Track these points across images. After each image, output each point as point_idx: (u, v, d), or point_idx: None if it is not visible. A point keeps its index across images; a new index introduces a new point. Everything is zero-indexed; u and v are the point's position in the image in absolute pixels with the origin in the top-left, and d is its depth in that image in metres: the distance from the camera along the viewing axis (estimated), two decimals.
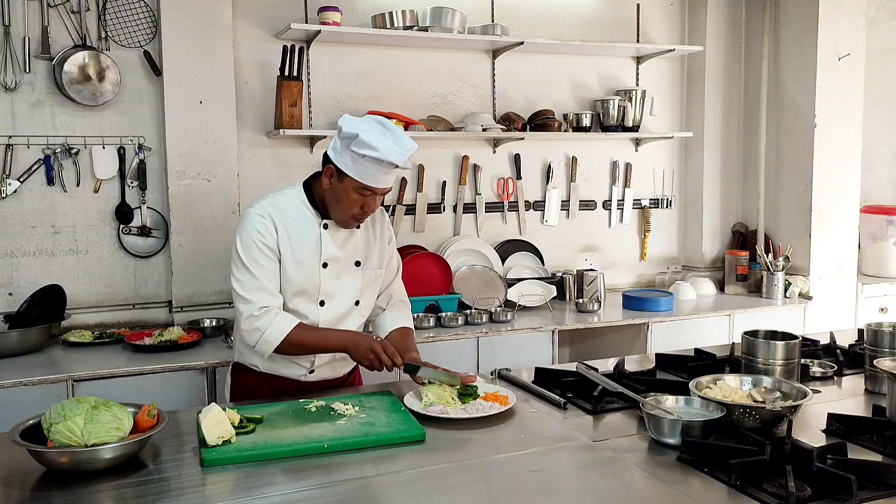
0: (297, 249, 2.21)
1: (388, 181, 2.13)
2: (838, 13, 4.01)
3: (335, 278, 2.26)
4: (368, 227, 2.34)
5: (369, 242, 2.33)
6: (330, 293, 2.27)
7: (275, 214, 2.20)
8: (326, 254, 2.23)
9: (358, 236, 2.29)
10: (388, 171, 2.10)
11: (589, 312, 3.76)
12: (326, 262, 2.23)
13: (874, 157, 4.66)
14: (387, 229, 2.40)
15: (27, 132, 3.21)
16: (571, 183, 4.25)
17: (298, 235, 2.21)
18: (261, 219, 2.18)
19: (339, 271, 2.26)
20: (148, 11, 3.32)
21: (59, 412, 1.67)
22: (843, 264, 4.20)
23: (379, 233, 2.36)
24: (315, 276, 2.23)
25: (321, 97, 3.68)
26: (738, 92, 4.43)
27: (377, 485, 1.62)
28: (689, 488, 1.56)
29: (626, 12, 4.29)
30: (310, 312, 2.25)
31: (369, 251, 2.33)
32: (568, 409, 2.08)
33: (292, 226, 2.21)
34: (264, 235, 2.16)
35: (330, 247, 2.23)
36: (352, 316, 2.33)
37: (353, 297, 2.31)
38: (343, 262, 2.26)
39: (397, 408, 2.03)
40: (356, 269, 2.29)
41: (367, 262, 2.32)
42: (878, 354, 2.19)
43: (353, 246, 2.28)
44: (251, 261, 2.16)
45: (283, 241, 2.19)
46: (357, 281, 2.31)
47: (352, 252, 2.28)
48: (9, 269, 3.25)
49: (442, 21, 3.65)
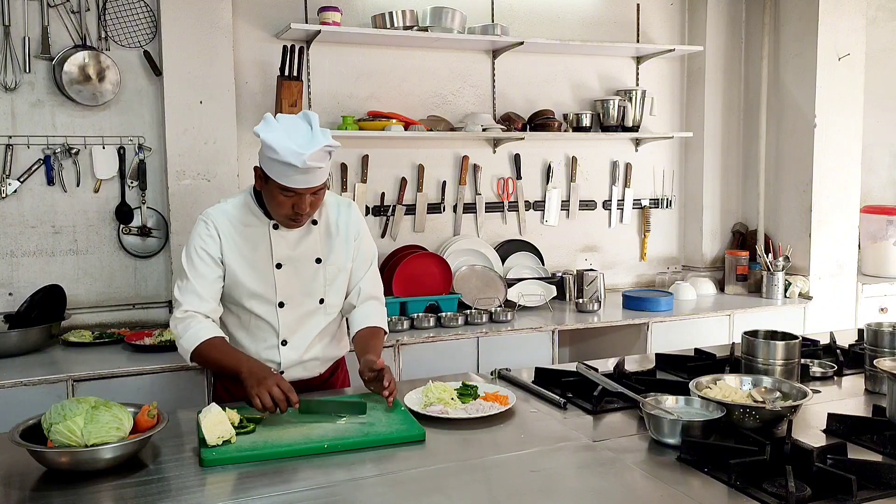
0: (247, 253, 2.18)
1: (306, 181, 2.04)
2: (838, 13, 4.01)
3: (293, 278, 2.22)
4: (329, 222, 2.28)
5: (330, 237, 2.27)
6: (288, 294, 2.22)
7: (220, 220, 2.19)
8: (278, 254, 2.20)
9: (316, 233, 2.25)
10: (303, 172, 2.01)
11: (589, 312, 3.76)
12: (280, 263, 2.20)
13: (874, 157, 4.66)
14: (353, 222, 2.31)
15: (27, 132, 3.21)
16: (571, 183, 4.25)
17: (248, 239, 2.19)
18: (204, 225, 2.19)
19: (297, 271, 2.22)
20: (148, 11, 3.32)
21: (59, 412, 1.67)
22: (843, 264, 4.20)
23: (343, 227, 2.29)
24: (269, 277, 2.19)
25: (321, 97, 3.68)
26: (738, 92, 4.43)
27: (377, 485, 1.62)
28: (689, 488, 1.56)
29: (626, 12, 4.29)
30: (268, 315, 2.22)
31: (330, 247, 2.27)
32: (568, 409, 2.08)
33: (241, 230, 2.19)
34: (206, 241, 2.17)
35: (281, 247, 2.20)
36: (316, 315, 2.27)
37: (316, 296, 2.26)
38: (300, 260, 2.22)
39: (397, 408, 2.03)
40: (317, 266, 2.24)
41: (328, 258, 2.26)
42: (878, 354, 2.19)
43: (311, 243, 2.24)
44: (189, 266, 2.17)
45: (227, 246, 2.17)
46: (318, 279, 2.25)
47: (310, 250, 2.24)
48: (9, 269, 3.25)
49: (442, 21, 3.65)
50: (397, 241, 3.87)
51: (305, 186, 2.05)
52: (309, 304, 2.26)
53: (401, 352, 3.24)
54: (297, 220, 2.14)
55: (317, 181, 2.07)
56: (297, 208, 2.09)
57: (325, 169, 2.08)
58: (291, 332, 2.25)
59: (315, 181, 2.06)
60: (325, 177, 2.09)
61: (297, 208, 2.09)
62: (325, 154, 2.04)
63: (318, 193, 2.12)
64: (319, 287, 2.26)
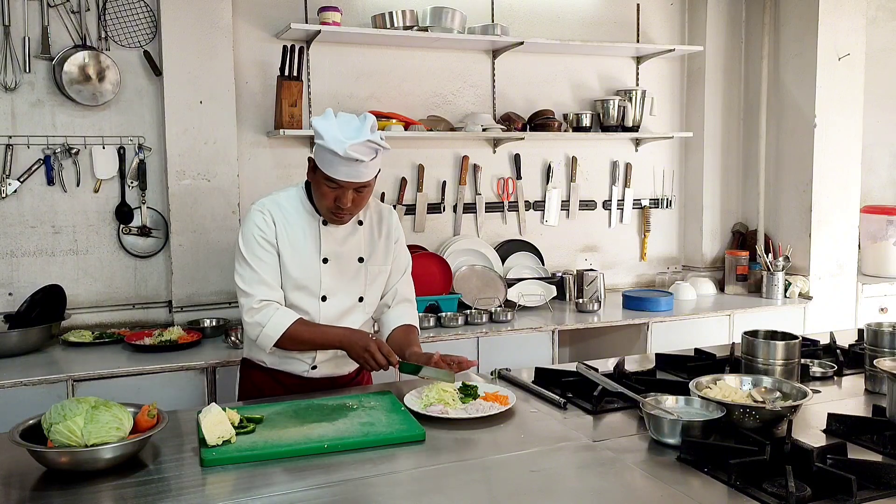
0: (297, 245, 2.24)
1: (349, 174, 2.09)
2: (838, 13, 4.01)
3: (337, 274, 2.28)
4: (374, 224, 2.36)
5: (373, 239, 2.35)
6: (331, 289, 2.28)
7: (274, 210, 2.24)
8: (326, 249, 2.25)
9: (361, 233, 2.32)
10: (347, 164, 2.07)
11: (589, 312, 3.76)
12: (327, 258, 2.25)
13: (874, 157, 4.66)
14: (394, 228, 2.41)
15: (27, 132, 3.21)
16: (571, 183, 4.25)
17: (298, 231, 2.24)
18: (260, 214, 2.23)
19: (341, 267, 2.28)
20: (148, 11, 3.32)
21: (59, 412, 1.67)
22: (843, 264, 4.20)
23: (385, 231, 2.38)
24: (316, 271, 2.25)
25: (321, 97, 3.68)
26: (738, 92, 4.43)
27: (377, 485, 1.62)
28: (689, 488, 1.56)
29: (626, 12, 4.29)
30: (311, 307, 2.27)
31: (373, 248, 2.34)
32: (568, 409, 2.08)
33: (292, 222, 2.24)
34: (263, 230, 2.21)
35: (329, 242, 2.26)
36: (355, 312, 2.33)
37: (356, 293, 2.32)
38: (345, 258, 2.28)
39: (397, 408, 2.02)
40: (359, 265, 2.31)
41: (370, 258, 2.33)
42: (878, 354, 2.19)
43: (356, 242, 2.31)
44: (251, 255, 2.21)
45: (281, 236, 2.23)
46: (360, 277, 2.32)
47: (354, 248, 2.30)
48: (9, 269, 3.25)
49: (442, 21, 3.65)
50: None
51: (348, 179, 2.11)
52: (349, 300, 2.31)
53: None
54: (339, 214, 2.19)
55: (361, 177, 2.12)
56: (340, 202, 2.14)
57: (371, 168, 2.13)
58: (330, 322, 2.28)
59: (358, 177, 2.11)
60: (370, 175, 2.15)
61: (339, 202, 2.14)
62: (368, 149, 2.08)
63: (362, 192, 2.17)
64: (360, 285, 2.32)
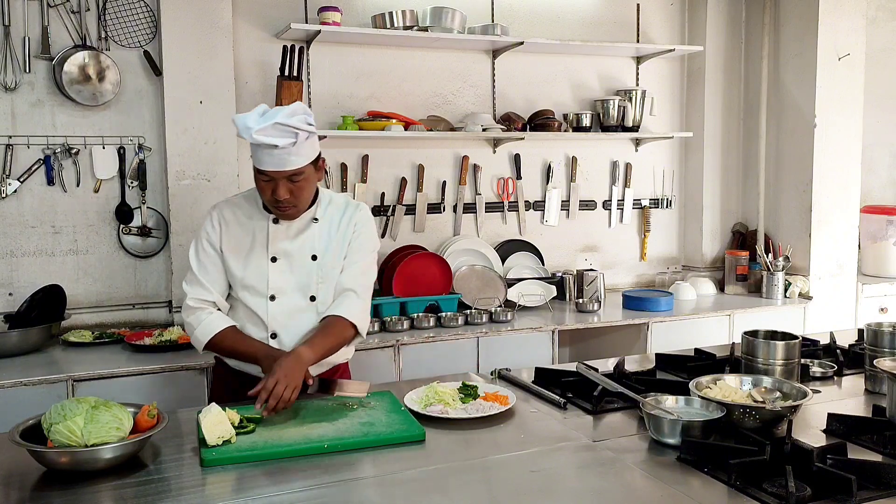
0: (245, 244, 2.23)
1: (273, 163, 2.05)
2: (838, 13, 4.01)
3: (287, 273, 2.22)
4: (332, 221, 2.27)
5: (330, 236, 2.26)
6: (280, 288, 2.22)
7: (226, 211, 2.26)
8: (275, 248, 2.22)
9: (315, 229, 2.25)
10: (268, 153, 2.04)
11: (589, 312, 3.76)
12: (275, 257, 2.22)
13: (874, 157, 4.66)
14: (354, 222, 2.28)
15: (27, 132, 3.21)
16: (571, 183, 4.25)
17: (249, 230, 2.23)
18: (209, 217, 2.27)
19: (292, 266, 2.23)
20: (148, 11, 3.32)
21: (59, 412, 1.67)
22: (843, 264, 4.20)
23: (344, 226, 2.27)
24: (264, 270, 2.21)
25: (321, 97, 3.68)
26: (738, 92, 4.43)
27: (377, 485, 1.62)
28: (689, 488, 1.56)
29: (626, 12, 4.29)
30: (259, 307, 2.22)
31: (328, 245, 2.25)
32: (568, 409, 2.08)
33: (243, 222, 2.24)
34: (209, 233, 2.24)
35: (280, 241, 2.22)
36: (307, 312, 2.24)
37: (307, 293, 2.24)
38: (296, 256, 2.23)
39: (397, 408, 2.03)
40: (312, 263, 2.24)
41: (324, 256, 2.25)
42: (878, 354, 2.19)
43: (309, 240, 2.24)
44: (194, 257, 2.25)
45: (226, 236, 2.23)
46: (312, 275, 2.24)
47: (307, 246, 2.24)
48: (9, 269, 3.25)
49: (442, 21, 3.65)
50: (397, 241, 3.87)
51: (274, 169, 2.06)
52: (300, 300, 2.25)
53: (401, 352, 3.24)
54: (281, 207, 2.15)
55: (286, 165, 2.06)
56: (276, 194, 2.10)
57: (297, 155, 2.06)
58: (281, 326, 2.23)
59: (284, 165, 2.06)
60: (299, 163, 2.08)
61: (275, 194, 2.10)
62: (280, 132, 2.01)
63: (298, 182, 2.11)
64: (312, 284, 2.25)
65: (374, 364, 3.19)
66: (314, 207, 2.26)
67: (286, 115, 2.03)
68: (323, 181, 3.09)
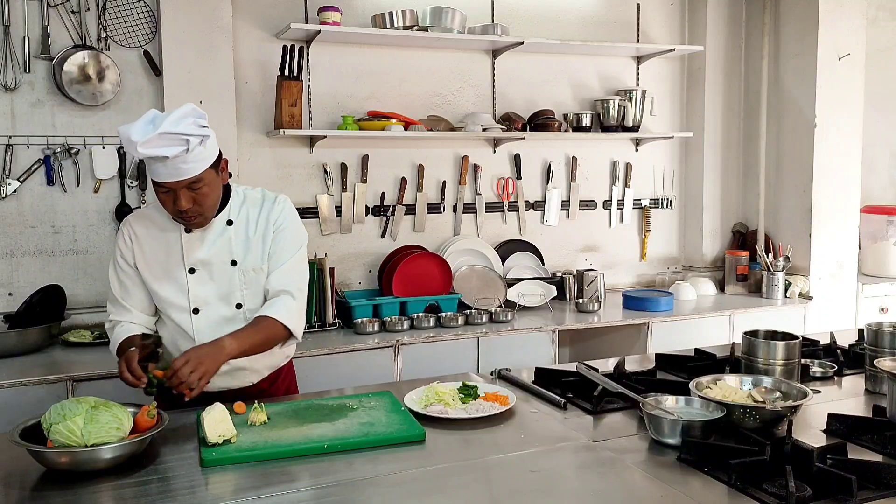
0: (160, 258, 2.13)
1: (167, 174, 1.93)
2: (838, 13, 4.01)
3: (208, 283, 2.12)
4: (248, 221, 2.15)
5: (248, 238, 2.14)
6: (202, 300, 2.13)
7: (138, 225, 2.16)
8: (190, 259, 2.11)
9: (232, 233, 2.13)
10: (161, 164, 1.91)
11: (589, 312, 3.76)
12: (193, 268, 2.11)
13: (874, 157, 4.66)
14: (274, 218, 2.16)
15: (27, 132, 3.21)
16: (571, 183, 4.25)
17: (163, 243, 2.13)
18: (121, 233, 2.18)
19: (213, 275, 2.12)
20: (148, 11, 3.32)
21: (59, 412, 1.67)
22: (843, 264, 4.20)
23: (262, 224, 2.15)
24: (183, 283, 2.12)
25: (321, 97, 3.68)
26: (738, 92, 4.43)
27: (377, 485, 1.62)
28: (689, 488, 1.56)
29: (626, 12, 4.29)
30: (183, 322, 2.14)
31: (248, 248, 2.13)
32: (568, 409, 2.08)
33: (156, 235, 2.14)
34: (122, 250, 2.16)
35: (195, 250, 2.11)
36: (235, 322, 2.13)
37: (233, 301, 2.14)
38: (214, 264, 2.12)
39: (397, 408, 2.02)
40: (232, 269, 2.12)
41: (245, 259, 2.13)
42: (878, 354, 2.19)
43: (225, 245, 2.13)
44: (112, 274, 2.20)
45: (139, 252, 2.14)
46: (234, 282, 2.14)
47: (224, 252, 2.13)
48: (9, 269, 3.25)
49: (442, 21, 3.65)
50: (397, 241, 3.87)
51: (170, 180, 1.94)
52: (225, 309, 2.15)
53: (401, 352, 3.24)
54: (186, 218, 2.03)
55: (183, 174, 1.94)
56: (178, 205, 1.98)
57: (193, 163, 1.94)
58: (209, 338, 2.08)
59: (180, 174, 1.93)
60: (196, 170, 1.95)
61: (177, 205, 1.98)
62: (168, 141, 1.88)
63: (199, 189, 1.99)
64: (236, 291, 2.14)
65: (374, 364, 3.19)
66: (227, 209, 2.14)
67: (173, 123, 1.89)
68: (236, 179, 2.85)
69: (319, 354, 3.11)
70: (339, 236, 3.78)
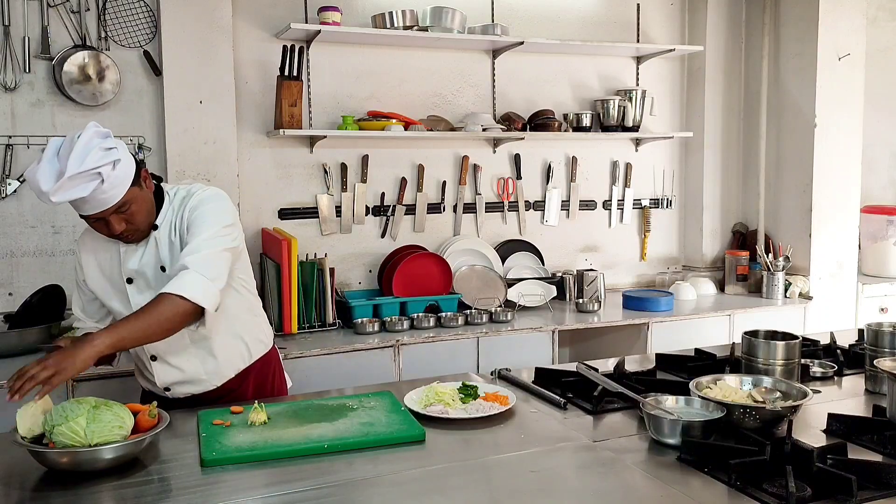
0: (107, 271, 2.13)
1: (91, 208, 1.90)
2: (838, 13, 4.01)
3: (146, 291, 2.09)
4: (171, 222, 2.08)
5: (170, 240, 2.09)
6: None
7: (86, 240, 2.16)
8: (128, 269, 2.09)
9: (155, 239, 2.09)
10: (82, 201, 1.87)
11: (589, 312, 3.76)
12: (130, 278, 2.10)
13: (874, 157, 4.66)
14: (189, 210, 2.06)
15: (27, 132, 3.21)
16: (571, 183, 4.25)
17: (108, 256, 2.13)
18: (76, 252, 2.21)
19: (148, 283, 2.10)
20: (148, 11, 3.32)
21: (61, 414, 1.67)
22: (844, 264, 4.20)
23: (181, 221, 2.07)
24: (124, 294, 2.12)
25: (321, 97, 3.68)
26: (738, 92, 4.43)
27: (377, 485, 1.62)
28: (689, 488, 1.56)
29: (626, 12, 4.29)
30: None
31: (172, 251, 2.08)
32: (568, 409, 2.08)
33: (104, 247, 2.12)
34: (77, 269, 2.20)
35: (131, 261, 2.09)
36: None
37: None
38: (148, 271, 2.09)
39: (397, 408, 2.03)
40: (163, 275, 2.07)
41: (172, 263, 2.06)
42: (878, 354, 2.19)
43: (152, 251, 2.09)
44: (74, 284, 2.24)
45: (89, 266, 2.15)
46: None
47: (153, 258, 2.09)
48: (9, 269, 3.25)
49: (442, 21, 3.65)
50: (397, 241, 3.87)
51: (94, 212, 1.92)
52: None
53: (401, 352, 3.24)
54: (123, 237, 2.02)
55: (106, 204, 1.90)
56: (111, 230, 1.97)
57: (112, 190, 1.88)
58: (155, 347, 2.09)
59: (103, 205, 1.90)
60: (117, 196, 1.90)
61: (111, 230, 1.97)
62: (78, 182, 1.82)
63: (126, 211, 1.95)
64: None
65: (374, 364, 3.19)
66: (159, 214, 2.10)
67: (77, 160, 1.80)
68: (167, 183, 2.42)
69: (319, 354, 3.11)
70: (339, 236, 3.78)
